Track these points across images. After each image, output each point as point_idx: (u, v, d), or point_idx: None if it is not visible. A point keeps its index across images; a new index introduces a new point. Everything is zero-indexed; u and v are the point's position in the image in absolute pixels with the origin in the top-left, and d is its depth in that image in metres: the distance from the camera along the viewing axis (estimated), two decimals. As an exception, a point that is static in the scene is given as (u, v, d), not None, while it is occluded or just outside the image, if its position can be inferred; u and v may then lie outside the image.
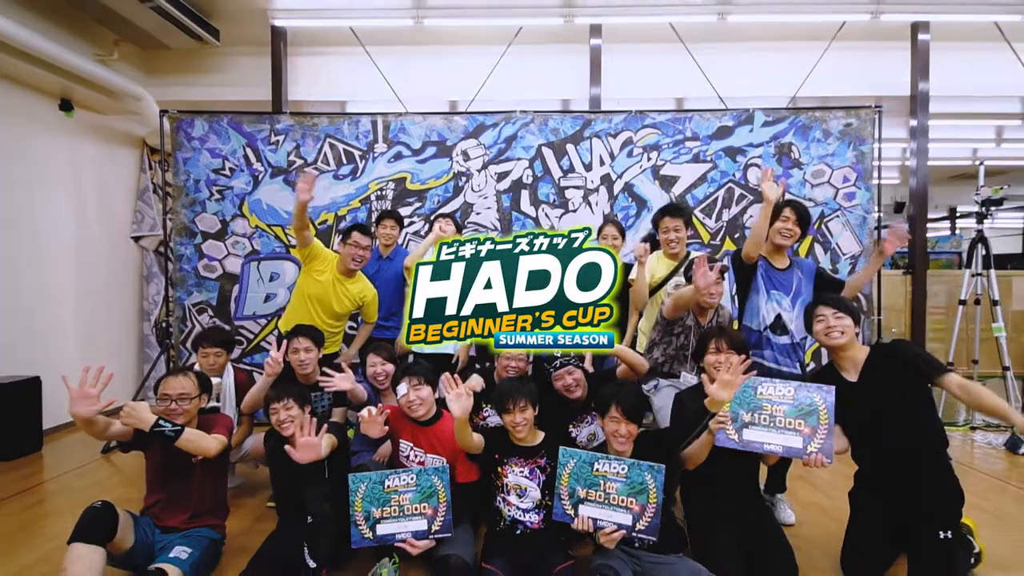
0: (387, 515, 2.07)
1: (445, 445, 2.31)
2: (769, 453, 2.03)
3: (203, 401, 2.25)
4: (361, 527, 2.06)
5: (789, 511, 2.70)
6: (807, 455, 1.93)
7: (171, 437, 1.97)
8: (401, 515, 2.07)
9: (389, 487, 2.08)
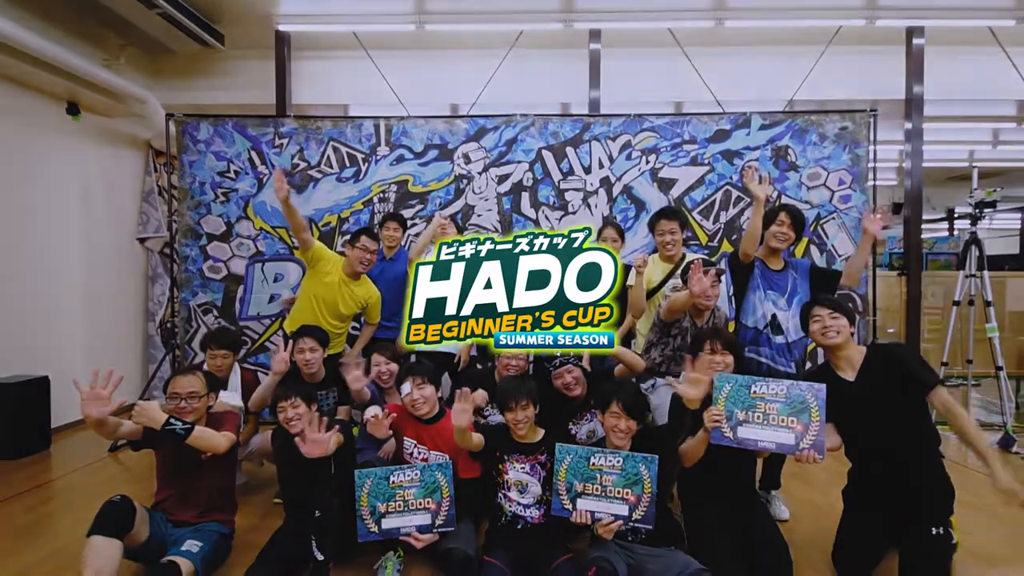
0: (392, 510, 2.13)
1: (448, 442, 2.35)
2: (763, 450, 2.08)
3: (211, 399, 2.30)
4: (367, 521, 2.12)
5: (783, 507, 2.76)
6: (799, 451, 1.99)
7: (182, 435, 2.03)
8: (406, 510, 2.13)
9: (394, 483, 2.14)
